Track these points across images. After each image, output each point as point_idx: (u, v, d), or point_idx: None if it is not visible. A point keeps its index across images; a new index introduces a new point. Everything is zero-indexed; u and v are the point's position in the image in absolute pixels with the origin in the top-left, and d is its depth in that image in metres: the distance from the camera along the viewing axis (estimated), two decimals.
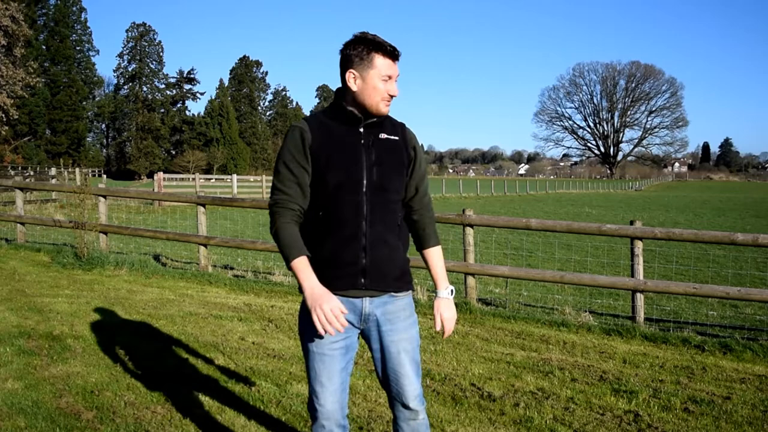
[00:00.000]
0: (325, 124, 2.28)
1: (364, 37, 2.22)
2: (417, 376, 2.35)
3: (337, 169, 2.21)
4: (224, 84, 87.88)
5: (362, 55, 2.21)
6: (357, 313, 2.26)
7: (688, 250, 11.84)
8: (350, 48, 2.22)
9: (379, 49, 2.21)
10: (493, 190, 47.81)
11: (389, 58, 2.23)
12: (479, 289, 7.49)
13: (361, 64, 2.21)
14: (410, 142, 2.37)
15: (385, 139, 2.30)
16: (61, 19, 71.79)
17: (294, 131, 2.26)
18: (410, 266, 2.40)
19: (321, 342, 2.23)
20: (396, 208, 2.31)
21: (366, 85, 2.22)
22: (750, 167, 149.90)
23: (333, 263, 2.22)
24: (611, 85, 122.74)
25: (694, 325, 6.43)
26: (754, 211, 29.19)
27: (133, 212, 17.89)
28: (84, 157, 71.71)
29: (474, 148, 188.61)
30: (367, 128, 2.28)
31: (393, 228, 2.29)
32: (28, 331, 5.18)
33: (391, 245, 2.28)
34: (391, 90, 2.25)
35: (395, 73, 2.26)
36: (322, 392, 2.26)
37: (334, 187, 2.21)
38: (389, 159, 2.28)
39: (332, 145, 2.24)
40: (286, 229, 2.20)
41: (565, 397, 4.14)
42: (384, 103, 2.25)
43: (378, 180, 2.24)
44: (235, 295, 7.18)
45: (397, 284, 2.31)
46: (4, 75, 34.22)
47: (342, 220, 2.22)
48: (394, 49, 2.24)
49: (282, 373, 4.37)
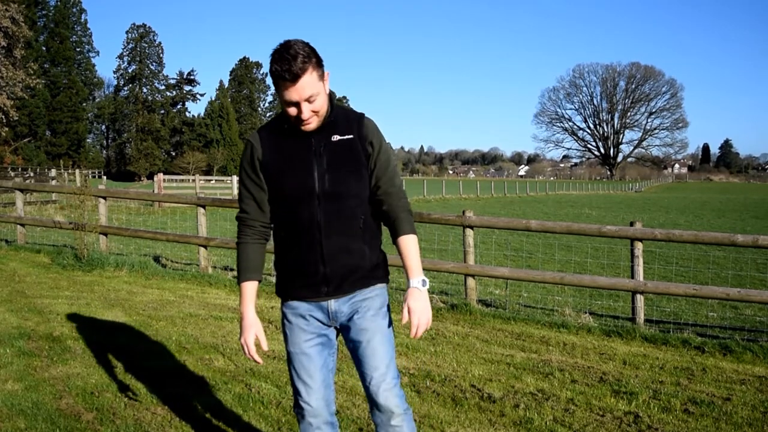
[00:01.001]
0: (275, 134, 2.22)
1: (271, 60, 2.05)
2: (389, 368, 2.24)
3: (288, 181, 2.18)
4: (224, 85, 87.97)
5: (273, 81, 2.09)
6: (324, 312, 2.26)
7: (688, 251, 11.84)
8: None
9: (275, 76, 2.05)
10: (493, 191, 47.81)
11: (285, 82, 2.03)
12: (479, 291, 7.49)
13: (276, 90, 2.11)
14: (367, 137, 2.20)
15: (338, 141, 2.17)
16: (61, 21, 71.81)
17: (246, 146, 2.26)
18: (387, 262, 2.36)
19: (296, 342, 2.28)
20: (356, 213, 2.20)
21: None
22: (750, 168, 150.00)
23: (295, 273, 2.26)
24: (611, 86, 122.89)
25: (694, 327, 6.43)
26: (754, 213, 29.18)
27: (133, 213, 17.89)
28: (84, 158, 71.71)
29: (474, 150, 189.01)
30: (317, 133, 2.16)
31: (354, 234, 2.21)
32: (28, 332, 5.18)
33: (353, 251, 2.21)
34: (302, 114, 2.08)
35: (300, 96, 2.04)
36: (305, 390, 2.26)
37: (287, 199, 2.20)
38: (343, 162, 2.17)
39: (282, 157, 2.19)
40: (241, 249, 2.30)
41: (565, 398, 4.14)
42: (299, 125, 2.12)
43: (330, 187, 2.15)
44: (235, 296, 7.18)
45: (364, 281, 2.26)
46: (4, 76, 34.24)
47: (298, 231, 2.20)
48: (287, 68, 2.00)
49: (282, 374, 4.36)
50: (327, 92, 2.16)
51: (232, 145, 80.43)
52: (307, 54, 2.04)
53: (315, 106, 2.09)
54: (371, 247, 2.27)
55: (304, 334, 2.26)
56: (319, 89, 2.08)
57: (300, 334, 2.27)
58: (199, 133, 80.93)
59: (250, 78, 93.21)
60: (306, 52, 2.04)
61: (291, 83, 2.02)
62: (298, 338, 2.27)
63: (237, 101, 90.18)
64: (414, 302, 2.15)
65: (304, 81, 2.03)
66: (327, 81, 2.16)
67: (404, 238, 2.23)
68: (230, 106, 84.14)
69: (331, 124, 2.18)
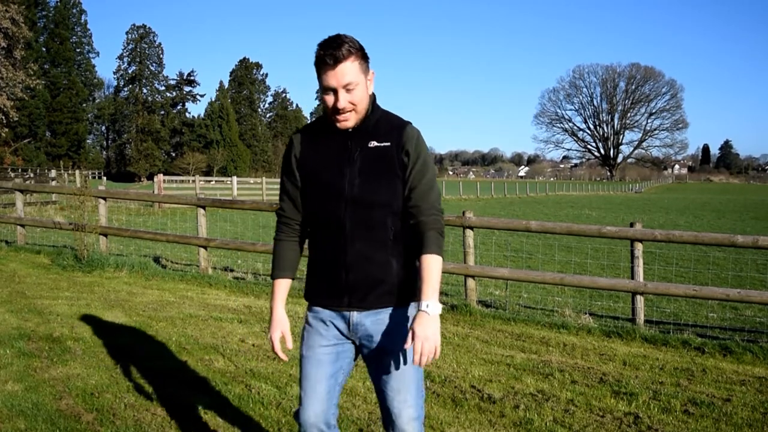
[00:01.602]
0: (315, 134, 2.20)
1: (317, 48, 2.05)
2: (414, 396, 2.18)
3: (319, 181, 2.15)
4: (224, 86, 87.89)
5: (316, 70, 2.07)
6: (346, 323, 2.19)
7: (688, 252, 11.84)
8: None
9: (317, 61, 2.03)
10: (493, 192, 47.82)
11: (324, 65, 2.02)
12: (479, 291, 7.49)
13: (318, 79, 2.09)
14: (404, 146, 2.11)
15: (374, 148, 2.11)
16: (61, 21, 71.79)
17: (288, 143, 2.26)
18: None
19: (311, 345, 2.23)
20: (385, 223, 2.11)
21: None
22: (750, 169, 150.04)
23: (319, 279, 2.23)
24: (611, 87, 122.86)
25: (694, 327, 6.43)
26: (754, 213, 29.18)
27: (133, 214, 17.89)
28: (84, 159, 71.65)
29: (474, 150, 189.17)
30: (355, 137, 2.13)
31: (381, 244, 2.12)
32: (28, 333, 5.18)
33: (378, 261, 2.13)
34: (338, 102, 2.03)
35: (339, 82, 2.01)
36: (305, 397, 2.20)
37: (316, 199, 2.17)
38: (376, 169, 2.10)
39: (317, 156, 2.17)
40: (276, 246, 2.32)
41: (565, 399, 4.14)
42: (335, 118, 2.08)
43: (359, 193, 2.09)
44: (235, 297, 7.18)
45: (389, 299, 2.16)
46: (4, 77, 34.22)
47: (324, 234, 2.17)
48: (330, 53, 2.00)
49: (282, 375, 4.37)
50: (369, 92, 2.14)
51: (232, 145, 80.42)
52: (353, 45, 2.04)
53: (353, 98, 2.05)
54: (401, 261, 2.16)
55: (321, 339, 2.21)
56: (360, 80, 2.05)
57: (317, 338, 2.22)
58: (199, 133, 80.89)
59: (250, 79, 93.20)
60: (352, 43, 2.04)
61: (331, 68, 2.01)
62: (314, 342, 2.22)
63: (237, 102, 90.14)
64: (419, 327, 2.04)
65: (345, 66, 2.01)
66: (371, 81, 2.13)
67: (426, 257, 2.11)
68: (230, 106, 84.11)
69: (371, 129, 2.14)
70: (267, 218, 16.25)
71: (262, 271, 8.67)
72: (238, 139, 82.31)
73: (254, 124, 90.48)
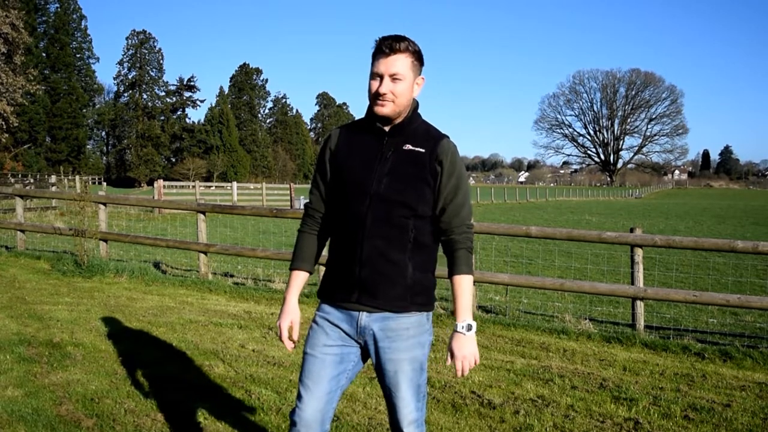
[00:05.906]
0: (354, 130, 2.26)
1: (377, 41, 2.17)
2: (415, 400, 2.21)
3: (349, 174, 2.18)
4: (224, 91, 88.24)
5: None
6: (353, 325, 2.19)
7: (688, 257, 11.84)
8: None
9: (375, 49, 2.13)
10: (493, 197, 47.78)
11: (380, 53, 2.11)
12: (479, 297, 7.49)
13: (371, 68, 2.17)
14: (439, 156, 2.14)
15: (408, 151, 2.15)
16: (62, 27, 72.02)
17: (326, 137, 2.31)
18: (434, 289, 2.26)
19: (315, 344, 2.23)
20: (406, 224, 2.13)
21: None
22: (750, 175, 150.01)
23: (334, 273, 2.24)
24: (611, 92, 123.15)
25: (694, 333, 6.42)
26: (754, 219, 29.19)
27: (133, 220, 17.89)
28: (84, 164, 71.70)
29: (474, 156, 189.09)
30: (391, 138, 2.17)
31: (398, 244, 2.13)
32: (28, 338, 5.17)
33: (393, 260, 2.13)
34: (381, 87, 2.10)
35: (387, 69, 2.10)
36: (304, 396, 2.18)
37: (342, 192, 2.20)
38: (406, 171, 2.13)
39: (351, 150, 2.21)
40: (299, 237, 2.36)
41: (565, 404, 4.14)
42: (374, 102, 2.13)
43: (385, 191, 2.12)
44: (235, 302, 7.18)
45: (400, 304, 2.16)
46: (4, 82, 34.28)
47: (344, 228, 2.19)
48: (388, 43, 2.10)
49: (282, 381, 4.36)
50: (414, 94, 2.20)
51: (232, 151, 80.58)
52: (412, 44, 2.13)
53: (396, 89, 2.10)
54: (417, 265, 2.17)
55: (326, 339, 2.21)
56: (407, 76, 2.12)
57: (322, 337, 2.22)
58: (199, 139, 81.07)
59: (250, 84, 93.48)
60: (411, 43, 2.13)
61: (385, 56, 2.09)
62: (319, 340, 2.22)
63: (237, 107, 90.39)
64: (457, 347, 2.15)
65: (397, 57, 2.09)
66: (419, 85, 2.21)
67: (458, 278, 2.19)
68: (230, 112, 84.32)
69: (409, 133, 2.18)
70: (267, 224, 16.26)
71: (262, 277, 8.68)
72: (238, 145, 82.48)
73: (254, 129, 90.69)
